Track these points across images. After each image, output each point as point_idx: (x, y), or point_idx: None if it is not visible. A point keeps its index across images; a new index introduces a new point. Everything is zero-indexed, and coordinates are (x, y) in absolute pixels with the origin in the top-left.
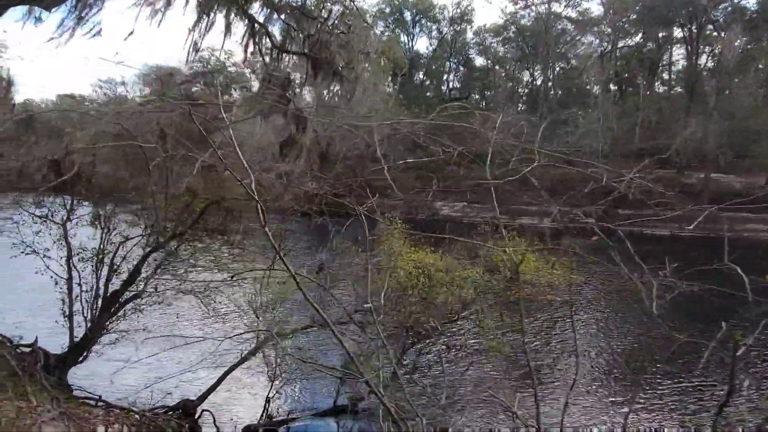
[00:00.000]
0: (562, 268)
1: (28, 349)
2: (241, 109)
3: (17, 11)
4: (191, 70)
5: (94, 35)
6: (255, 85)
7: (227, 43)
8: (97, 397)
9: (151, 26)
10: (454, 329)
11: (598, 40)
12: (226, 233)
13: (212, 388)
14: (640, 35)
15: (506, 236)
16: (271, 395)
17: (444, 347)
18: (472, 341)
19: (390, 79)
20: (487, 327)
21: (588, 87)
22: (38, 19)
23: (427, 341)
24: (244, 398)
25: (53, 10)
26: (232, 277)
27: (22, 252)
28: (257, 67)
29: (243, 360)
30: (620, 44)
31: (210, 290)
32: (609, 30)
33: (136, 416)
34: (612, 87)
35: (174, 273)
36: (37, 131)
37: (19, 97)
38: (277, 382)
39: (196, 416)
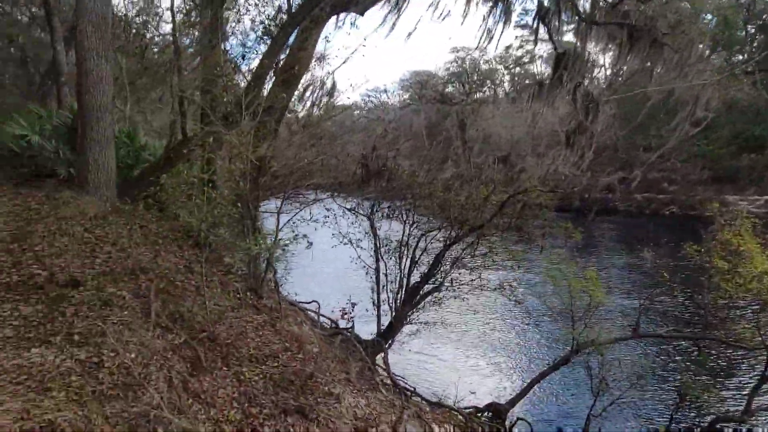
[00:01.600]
0: None
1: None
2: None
3: None
4: (447, 71)
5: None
6: (506, 80)
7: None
8: (412, 389)
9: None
10: None
11: None
12: (522, 229)
13: (522, 394)
14: None
15: None
16: (594, 412)
17: None
18: None
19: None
20: None
21: None
22: (353, 24)
23: None
24: (557, 410)
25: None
26: None
27: (341, 242)
28: (510, 62)
29: (554, 368)
30: None
31: (508, 288)
32: None
33: (460, 417)
34: None
35: (471, 267)
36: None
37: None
38: (599, 401)
39: (507, 422)
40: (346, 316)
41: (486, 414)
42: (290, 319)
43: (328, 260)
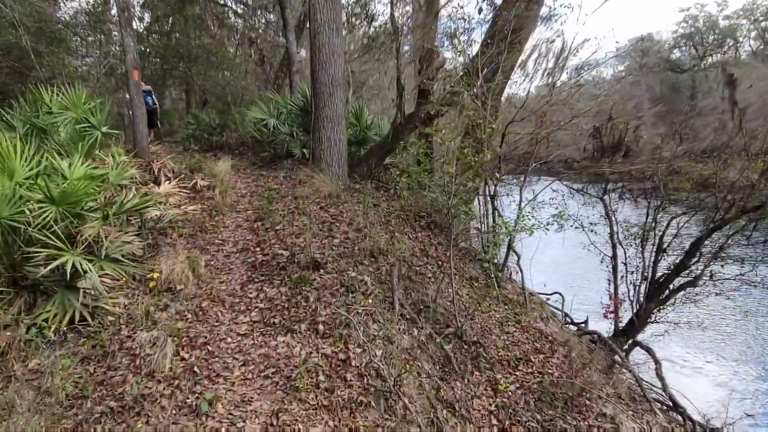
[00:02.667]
0: None
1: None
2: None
3: None
4: (674, 33)
5: None
6: (752, 37)
7: None
8: (670, 403)
9: None
10: None
11: None
12: None
13: None
14: None
15: None
16: None
17: None
18: None
19: None
20: None
21: None
22: None
23: None
24: None
25: None
26: None
27: (571, 226)
28: (758, 14)
29: None
30: None
31: None
32: None
33: None
34: None
35: (741, 259)
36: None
37: None
38: None
39: None
40: (610, 315)
41: None
42: (534, 313)
43: (547, 246)
